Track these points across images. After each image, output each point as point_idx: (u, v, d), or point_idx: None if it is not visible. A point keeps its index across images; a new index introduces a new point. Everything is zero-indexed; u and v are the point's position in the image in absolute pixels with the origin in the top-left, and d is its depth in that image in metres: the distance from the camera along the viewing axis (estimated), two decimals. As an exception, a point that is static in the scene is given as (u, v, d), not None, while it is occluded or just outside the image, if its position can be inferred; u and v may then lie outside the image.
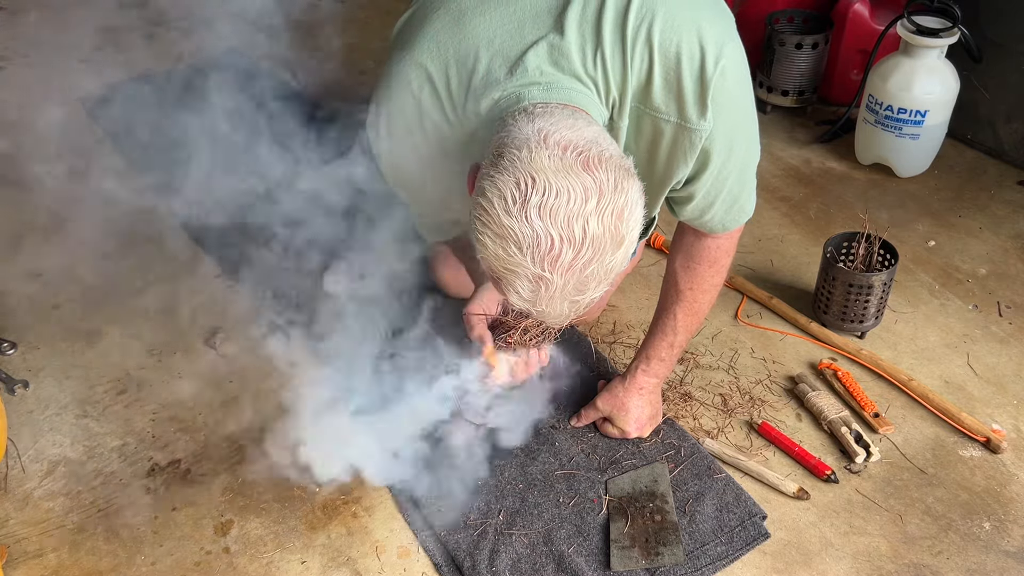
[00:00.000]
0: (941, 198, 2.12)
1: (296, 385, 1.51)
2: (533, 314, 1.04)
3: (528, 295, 1.00)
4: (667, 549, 1.33)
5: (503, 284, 1.02)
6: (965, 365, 1.67)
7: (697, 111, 1.12)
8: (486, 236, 0.98)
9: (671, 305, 1.42)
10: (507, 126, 1.04)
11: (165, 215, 2.05)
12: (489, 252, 0.99)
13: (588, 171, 0.97)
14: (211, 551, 1.36)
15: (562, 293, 0.99)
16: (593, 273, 0.99)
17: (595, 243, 0.97)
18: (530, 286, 0.99)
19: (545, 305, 1.01)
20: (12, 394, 1.61)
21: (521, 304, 1.02)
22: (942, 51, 2.02)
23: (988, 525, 1.39)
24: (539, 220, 0.95)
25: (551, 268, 0.97)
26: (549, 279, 0.97)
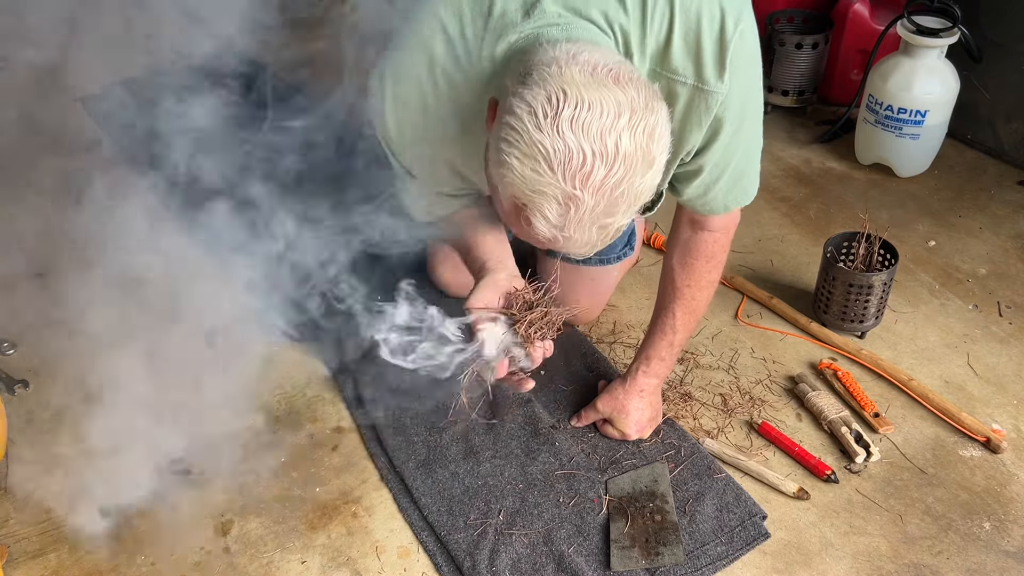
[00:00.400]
0: (941, 198, 2.12)
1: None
2: (559, 244, 1.01)
3: (556, 219, 0.97)
4: (667, 549, 1.33)
5: (529, 210, 0.98)
6: (965, 365, 1.67)
7: (715, 72, 1.12)
8: (513, 156, 0.95)
9: (669, 304, 1.42)
10: (529, 54, 1.02)
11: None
12: (516, 174, 0.96)
13: (619, 87, 0.95)
14: (211, 551, 1.36)
15: (591, 215, 0.97)
16: (623, 194, 0.96)
17: (627, 160, 0.95)
18: (559, 208, 0.96)
19: (573, 230, 0.98)
20: (12, 394, 1.61)
21: (548, 232, 0.99)
22: (942, 51, 2.02)
23: (988, 525, 1.39)
24: (571, 134, 0.93)
25: (582, 185, 0.94)
26: (580, 198, 0.95)
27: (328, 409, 1.59)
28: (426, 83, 1.15)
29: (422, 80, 1.15)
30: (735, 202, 1.32)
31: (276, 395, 1.62)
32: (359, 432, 1.54)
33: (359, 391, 1.58)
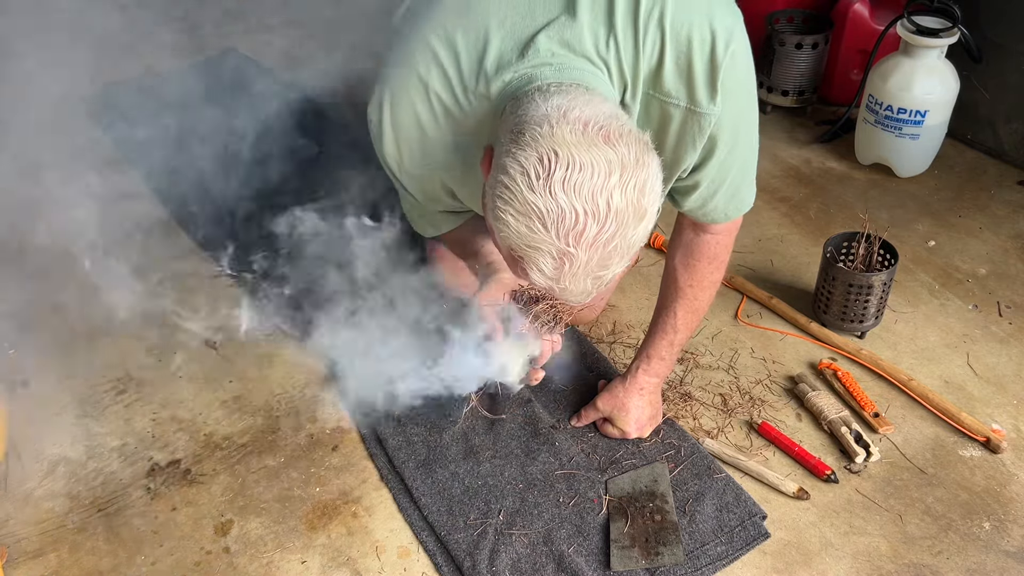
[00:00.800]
0: (941, 198, 2.12)
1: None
2: (555, 292, 1.03)
3: (552, 272, 1.00)
4: (667, 549, 1.33)
5: (525, 263, 1.01)
6: (965, 365, 1.67)
7: (707, 95, 1.13)
8: (508, 214, 0.98)
9: (671, 303, 1.43)
10: (522, 105, 1.04)
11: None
12: (511, 230, 0.98)
13: (610, 145, 0.97)
14: (211, 551, 1.36)
15: (585, 269, 0.99)
16: (616, 248, 0.99)
17: (619, 217, 0.97)
18: (554, 263, 0.99)
19: (568, 282, 1.01)
20: (12, 394, 1.61)
21: (543, 282, 1.02)
22: (942, 51, 2.02)
23: (988, 525, 1.39)
24: (563, 195, 0.95)
25: (575, 243, 0.97)
26: (574, 255, 0.97)
27: (328, 409, 1.59)
28: (423, 111, 1.17)
29: (418, 108, 1.17)
30: (735, 211, 1.34)
31: (276, 395, 1.62)
32: (359, 432, 1.54)
33: (359, 391, 1.58)
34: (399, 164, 1.24)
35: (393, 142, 1.21)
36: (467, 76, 1.14)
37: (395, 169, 1.26)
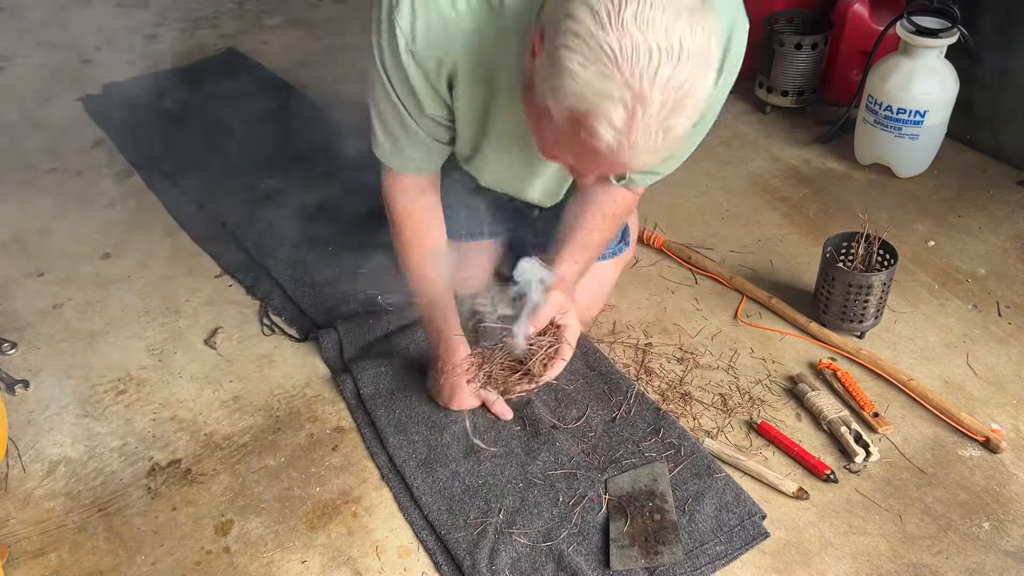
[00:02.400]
0: (941, 198, 2.12)
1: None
2: (624, 151, 0.99)
3: (622, 123, 0.96)
4: (666, 548, 1.33)
5: (592, 118, 0.96)
6: (964, 365, 1.67)
7: (713, 76, 1.15)
8: (575, 62, 0.94)
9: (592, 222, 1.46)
10: None
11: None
12: (579, 80, 0.95)
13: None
14: (211, 551, 1.37)
15: (658, 116, 0.95)
16: (688, 94, 0.95)
17: (691, 58, 0.94)
18: (624, 112, 0.95)
19: (639, 134, 0.96)
20: (12, 394, 1.62)
21: (612, 138, 0.97)
22: (942, 51, 2.02)
23: (987, 525, 1.39)
24: (636, 30, 0.92)
25: (650, 83, 0.93)
26: (648, 96, 0.94)
27: (328, 409, 1.59)
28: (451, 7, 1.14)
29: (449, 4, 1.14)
30: (661, 178, 1.42)
31: (276, 395, 1.62)
32: (359, 432, 1.54)
33: (359, 391, 1.58)
34: (407, 40, 1.17)
35: (409, 11, 1.16)
36: None
37: (399, 46, 1.18)
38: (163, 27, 2.95)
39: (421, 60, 1.19)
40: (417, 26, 1.16)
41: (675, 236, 1.99)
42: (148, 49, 2.81)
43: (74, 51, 2.80)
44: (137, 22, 2.98)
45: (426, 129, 1.32)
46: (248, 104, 2.44)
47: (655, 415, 1.54)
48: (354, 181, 1.98)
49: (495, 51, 1.19)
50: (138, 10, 3.06)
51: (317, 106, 2.44)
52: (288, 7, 3.09)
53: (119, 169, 2.23)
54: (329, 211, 1.99)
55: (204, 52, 2.78)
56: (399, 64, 1.21)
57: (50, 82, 2.62)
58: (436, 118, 1.31)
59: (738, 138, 2.35)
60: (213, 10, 3.07)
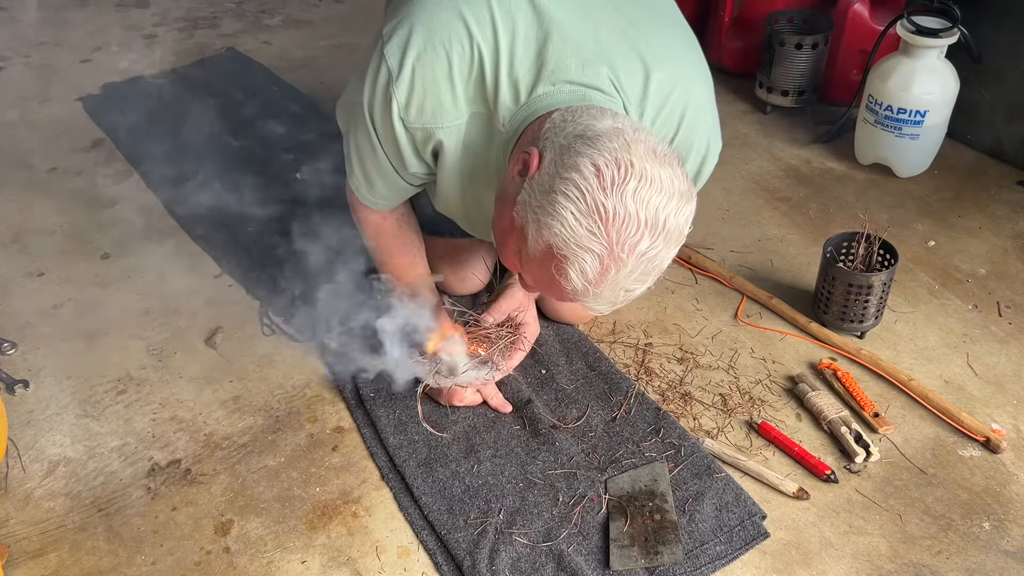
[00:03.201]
0: (941, 198, 2.12)
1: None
2: (586, 296, 1.07)
3: (593, 275, 1.04)
4: (666, 548, 1.33)
5: (567, 263, 1.04)
6: (965, 365, 1.67)
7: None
8: (568, 211, 1.01)
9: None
10: (581, 115, 1.10)
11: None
12: (567, 227, 1.02)
13: (674, 170, 1.04)
14: (211, 551, 1.36)
15: (626, 279, 1.05)
16: (655, 266, 1.06)
17: (668, 237, 1.04)
18: (599, 267, 1.03)
19: (605, 289, 1.05)
20: (12, 394, 1.62)
21: (579, 285, 1.05)
22: (942, 51, 2.02)
23: (988, 525, 1.39)
24: (632, 202, 1.01)
25: (629, 251, 1.02)
26: (624, 261, 1.03)
27: (328, 409, 1.59)
28: (458, 64, 1.19)
29: (454, 59, 1.18)
30: None
31: (276, 395, 1.62)
32: (359, 432, 1.54)
33: (359, 391, 1.58)
34: (399, 111, 1.22)
35: (408, 87, 1.20)
36: (519, 61, 1.18)
37: (393, 114, 1.23)
38: (163, 27, 2.95)
39: (411, 129, 1.25)
40: (412, 102, 1.22)
41: (675, 236, 1.99)
42: (148, 49, 2.81)
43: (74, 51, 2.80)
44: (137, 22, 2.98)
45: (406, 179, 1.37)
46: (248, 104, 2.44)
47: (655, 415, 1.54)
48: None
49: (482, 144, 1.25)
50: (138, 10, 3.06)
51: (317, 106, 2.44)
52: (288, 7, 3.09)
53: (119, 169, 2.23)
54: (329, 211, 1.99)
55: (204, 52, 2.78)
56: (389, 127, 1.26)
57: (50, 82, 2.62)
58: (417, 175, 1.35)
59: (738, 138, 2.35)
60: (213, 10, 3.07)
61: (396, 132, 1.25)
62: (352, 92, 1.31)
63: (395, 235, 1.52)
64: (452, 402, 1.54)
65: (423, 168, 1.33)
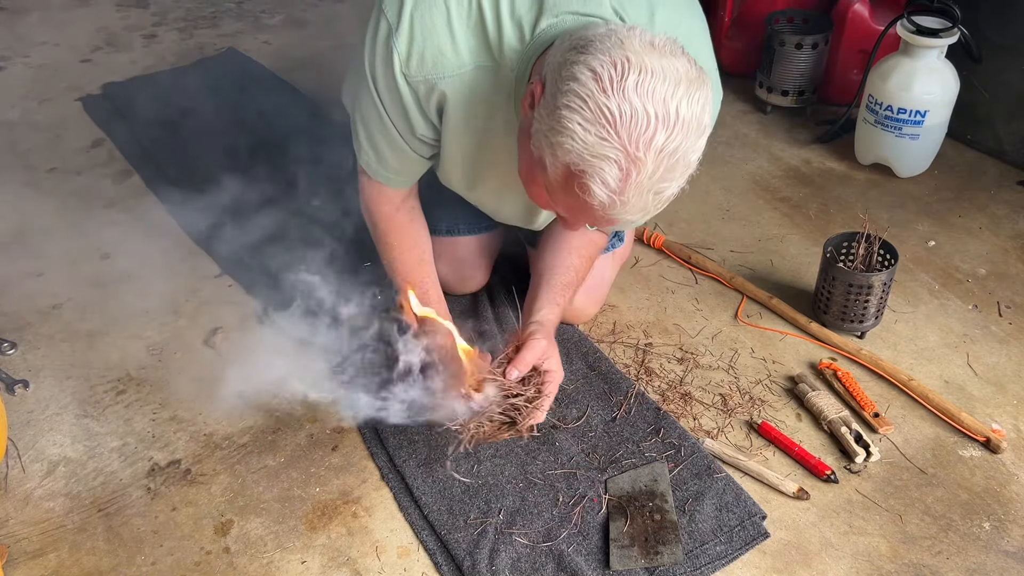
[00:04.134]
0: (941, 198, 2.12)
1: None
2: (615, 208, 1.03)
3: (616, 183, 1.00)
4: (666, 548, 1.33)
5: (587, 176, 1.00)
6: (965, 365, 1.67)
7: None
8: (575, 122, 0.98)
9: (570, 266, 1.50)
10: (579, 31, 1.06)
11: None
12: (578, 139, 0.98)
13: (676, 58, 0.99)
14: (211, 551, 1.36)
15: (650, 180, 1.00)
16: (679, 161, 1.00)
17: (685, 127, 0.98)
18: (620, 172, 0.99)
19: (632, 194, 1.01)
20: (12, 394, 1.62)
21: (605, 196, 1.01)
22: (942, 51, 2.02)
23: (988, 525, 1.39)
24: (637, 97, 0.96)
25: (646, 149, 0.97)
26: (642, 160, 0.98)
27: (328, 409, 1.59)
28: (457, 16, 1.17)
29: (452, 10, 1.17)
30: (630, 228, 1.47)
31: (276, 395, 1.62)
32: (359, 432, 1.54)
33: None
34: (402, 63, 1.20)
35: (408, 38, 1.19)
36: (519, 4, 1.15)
37: (395, 68, 1.21)
38: (163, 27, 2.95)
39: (414, 83, 1.22)
40: (413, 52, 1.19)
41: (675, 236, 1.99)
42: (148, 49, 2.81)
43: (74, 51, 2.80)
44: (137, 22, 2.99)
45: (413, 147, 1.34)
46: (248, 104, 2.44)
47: (655, 415, 1.54)
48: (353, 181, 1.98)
49: (490, 94, 1.22)
50: (138, 10, 3.06)
51: (317, 106, 2.44)
52: (288, 7, 3.10)
53: (119, 169, 2.23)
54: (329, 211, 1.99)
55: (204, 52, 2.78)
56: (393, 85, 1.23)
57: (50, 82, 2.62)
58: (425, 139, 1.33)
59: (738, 138, 2.35)
60: (213, 10, 3.07)
61: (399, 88, 1.23)
62: (354, 66, 1.30)
63: (406, 228, 1.50)
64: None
65: (430, 131, 1.31)
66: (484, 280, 1.76)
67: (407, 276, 1.50)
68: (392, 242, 1.50)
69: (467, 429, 1.36)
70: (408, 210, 1.49)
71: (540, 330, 1.42)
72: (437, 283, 1.54)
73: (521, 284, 1.73)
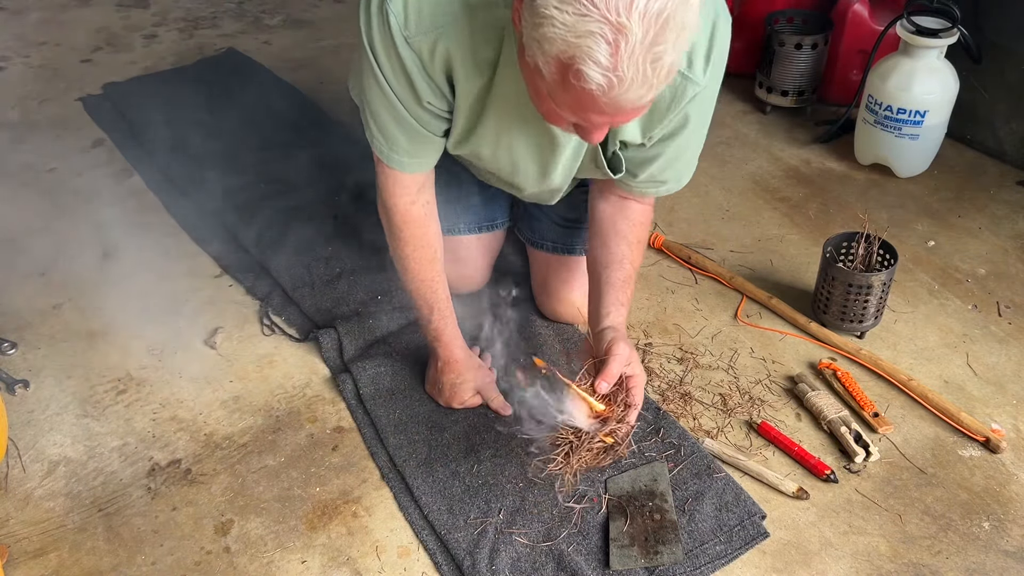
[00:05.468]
0: (941, 198, 2.12)
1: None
2: (614, 88, 0.98)
3: (608, 59, 0.95)
4: (666, 548, 1.33)
5: (579, 59, 0.96)
6: (964, 365, 1.67)
7: (702, 65, 1.20)
8: (551, 7, 0.94)
9: (622, 259, 1.46)
10: None
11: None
12: (557, 24, 0.95)
13: None
14: (211, 551, 1.36)
15: (642, 45, 0.94)
16: (668, 21, 0.94)
17: None
18: (608, 47, 0.94)
19: (626, 66, 0.95)
20: (12, 394, 1.62)
21: (600, 76, 0.96)
22: (942, 51, 2.02)
23: (987, 525, 1.39)
24: None
25: (627, 13, 0.92)
26: (627, 27, 0.93)
27: (328, 409, 1.59)
28: None
29: None
30: (676, 187, 1.42)
31: (276, 395, 1.62)
32: (359, 432, 1.54)
33: (359, 391, 1.58)
34: (400, 25, 1.17)
35: (410, 9, 1.15)
36: None
37: (393, 32, 1.18)
38: (163, 27, 2.95)
39: (416, 45, 1.19)
40: (409, 10, 1.16)
41: (675, 236, 1.99)
42: (148, 49, 2.81)
43: (74, 51, 2.80)
44: (137, 22, 2.99)
45: (422, 122, 1.30)
46: (248, 104, 2.44)
47: (655, 415, 1.54)
48: (354, 181, 1.98)
49: (490, 29, 1.18)
50: (138, 10, 3.06)
51: (317, 106, 2.44)
52: (288, 7, 3.09)
53: (119, 169, 2.23)
54: (328, 211, 1.99)
55: (204, 52, 2.78)
56: (394, 52, 1.20)
57: (50, 82, 2.62)
58: (433, 109, 1.29)
59: (738, 138, 2.35)
60: (213, 10, 3.07)
61: (401, 54, 1.19)
62: (357, 53, 1.27)
63: (421, 224, 1.45)
64: (452, 404, 1.54)
65: (437, 99, 1.27)
66: (484, 280, 1.76)
67: (417, 273, 1.47)
68: (406, 237, 1.46)
69: (567, 463, 1.33)
70: (423, 204, 1.45)
71: (616, 335, 1.36)
72: (445, 282, 1.51)
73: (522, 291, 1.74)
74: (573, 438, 1.34)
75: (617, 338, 1.35)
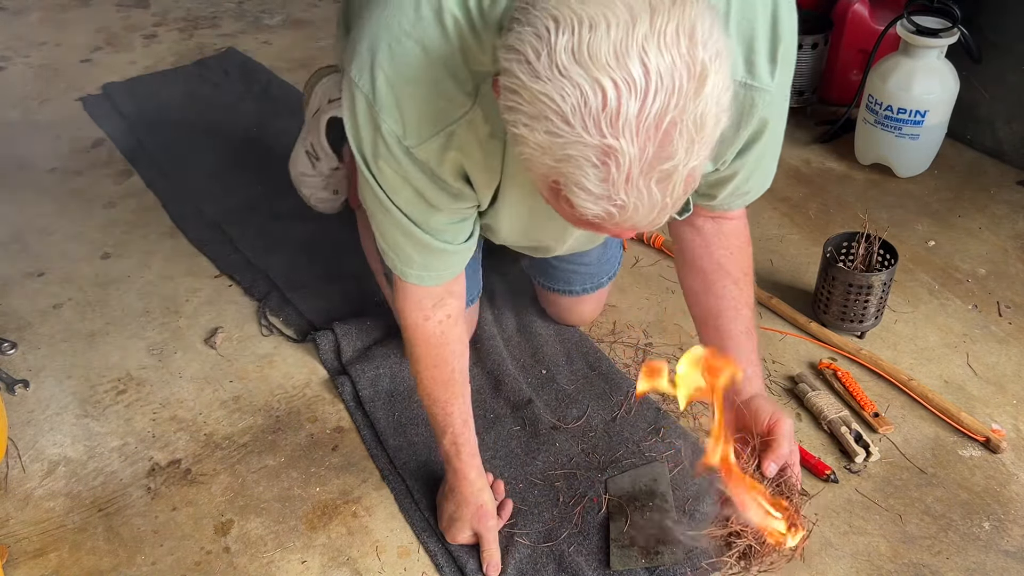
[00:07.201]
0: (941, 198, 2.12)
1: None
2: (615, 216, 0.77)
3: (599, 185, 0.74)
4: (667, 548, 1.33)
5: (564, 187, 0.76)
6: (965, 365, 1.67)
7: (768, 67, 0.97)
8: (520, 125, 0.74)
9: (735, 301, 1.23)
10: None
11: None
12: (532, 146, 0.75)
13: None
14: (211, 551, 1.36)
15: (641, 167, 0.73)
16: (676, 125, 0.72)
17: (664, 79, 0.70)
18: (597, 170, 0.73)
19: (624, 193, 0.74)
20: (12, 394, 1.62)
21: (594, 206, 0.76)
22: (942, 51, 2.02)
23: (988, 525, 1.39)
24: (577, 67, 0.70)
25: (613, 130, 0.71)
26: (618, 148, 0.71)
27: (328, 409, 1.59)
28: (433, 37, 0.91)
29: (427, 36, 0.90)
30: (761, 190, 1.19)
31: (276, 395, 1.62)
32: (359, 432, 1.54)
33: (358, 393, 1.58)
34: (399, 138, 0.96)
35: (394, 106, 0.94)
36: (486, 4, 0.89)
37: (393, 150, 0.97)
38: (163, 27, 2.95)
39: (422, 154, 0.98)
40: (406, 115, 0.96)
41: (675, 236, 1.99)
42: (148, 49, 2.81)
43: (74, 51, 2.80)
44: (137, 22, 2.99)
45: (439, 236, 1.10)
46: (248, 104, 2.44)
47: (655, 415, 1.54)
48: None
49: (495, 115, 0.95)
50: (138, 10, 3.06)
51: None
52: (288, 7, 3.09)
53: (119, 169, 2.23)
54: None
55: (204, 52, 2.78)
56: (396, 166, 1.00)
57: (50, 82, 2.62)
58: (452, 212, 1.09)
59: (738, 138, 2.35)
60: (213, 10, 3.07)
61: (405, 169, 1.00)
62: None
63: (436, 344, 1.25)
64: (447, 536, 1.35)
65: (457, 200, 1.07)
66: (475, 297, 1.59)
67: (431, 393, 1.28)
68: (418, 355, 1.26)
69: (746, 569, 1.09)
70: (438, 322, 1.22)
71: (774, 407, 1.10)
72: (465, 402, 1.30)
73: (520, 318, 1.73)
74: (752, 538, 1.06)
75: (777, 412, 1.09)
